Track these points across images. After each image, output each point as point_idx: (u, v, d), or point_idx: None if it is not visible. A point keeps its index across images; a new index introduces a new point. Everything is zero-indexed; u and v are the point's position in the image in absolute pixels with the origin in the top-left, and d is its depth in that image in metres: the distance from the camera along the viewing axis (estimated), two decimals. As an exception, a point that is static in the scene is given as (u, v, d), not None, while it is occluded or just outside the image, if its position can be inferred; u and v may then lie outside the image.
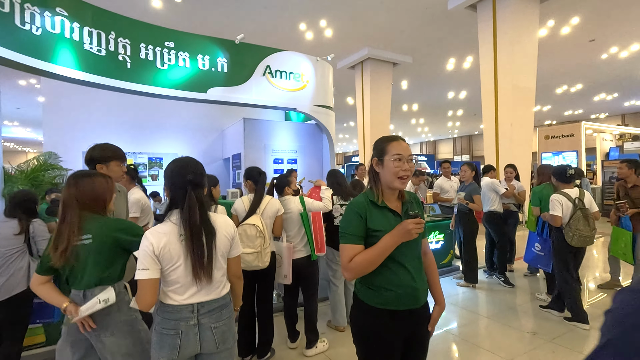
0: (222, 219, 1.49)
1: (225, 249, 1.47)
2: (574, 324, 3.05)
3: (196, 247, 1.35)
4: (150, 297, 1.32)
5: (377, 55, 10.91)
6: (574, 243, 2.92)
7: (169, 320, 1.37)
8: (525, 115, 7.59)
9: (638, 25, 9.16)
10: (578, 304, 3.02)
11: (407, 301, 1.36)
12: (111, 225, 1.56)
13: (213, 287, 1.42)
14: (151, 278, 1.32)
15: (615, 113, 21.58)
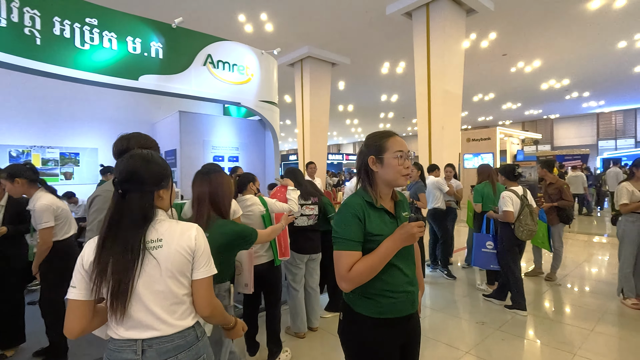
0: (180, 229, 1.14)
1: (178, 267, 1.10)
2: (515, 311, 3.34)
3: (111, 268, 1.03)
4: (73, 321, 1.04)
5: (317, 54, 10.92)
6: (524, 237, 3.19)
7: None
8: (454, 119, 8.22)
9: (540, 44, 10.56)
10: (521, 294, 3.30)
11: (405, 307, 1.27)
12: (225, 229, 1.66)
13: (157, 319, 1.07)
14: (77, 299, 1.04)
15: (518, 120, 24.80)
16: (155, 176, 1.13)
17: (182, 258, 1.10)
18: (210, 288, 1.17)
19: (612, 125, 21.91)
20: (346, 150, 35.50)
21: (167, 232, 1.11)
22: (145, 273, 1.06)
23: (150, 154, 1.15)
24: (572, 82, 14.77)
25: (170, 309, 1.09)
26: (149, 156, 1.14)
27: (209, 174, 1.76)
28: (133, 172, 1.09)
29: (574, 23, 9.13)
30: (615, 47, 10.76)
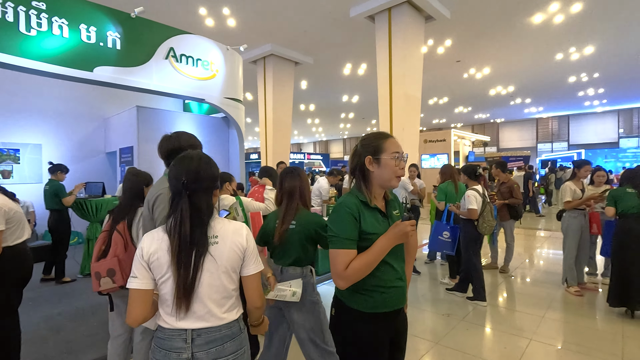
0: (233, 227, 1.21)
1: (231, 264, 1.17)
2: (476, 302, 3.57)
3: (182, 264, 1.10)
4: (137, 310, 1.11)
5: (280, 52, 10.83)
6: (485, 232, 3.41)
7: (159, 349, 1.15)
8: (413, 121, 8.56)
9: (490, 53, 11.33)
10: (482, 286, 3.53)
11: (395, 301, 1.33)
12: (313, 219, 1.91)
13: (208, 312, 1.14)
14: (139, 288, 1.12)
15: (468, 123, 26.41)
16: (214, 176, 1.22)
17: (235, 255, 1.17)
18: (259, 282, 1.26)
19: (549, 130, 24.08)
20: (307, 150, 35.61)
21: (222, 230, 1.18)
22: (204, 268, 1.12)
23: (207, 156, 1.25)
24: (516, 89, 16.01)
25: (221, 302, 1.16)
26: (208, 157, 1.24)
27: (297, 170, 2.03)
28: (198, 172, 1.16)
29: (519, 35, 9.90)
30: (553, 58, 11.82)
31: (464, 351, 2.71)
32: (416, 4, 7.91)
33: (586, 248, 4.09)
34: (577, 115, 23.05)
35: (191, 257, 1.10)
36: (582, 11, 8.49)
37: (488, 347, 2.82)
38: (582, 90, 16.38)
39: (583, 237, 3.99)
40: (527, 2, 8.17)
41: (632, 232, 3.24)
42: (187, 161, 1.18)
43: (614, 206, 3.37)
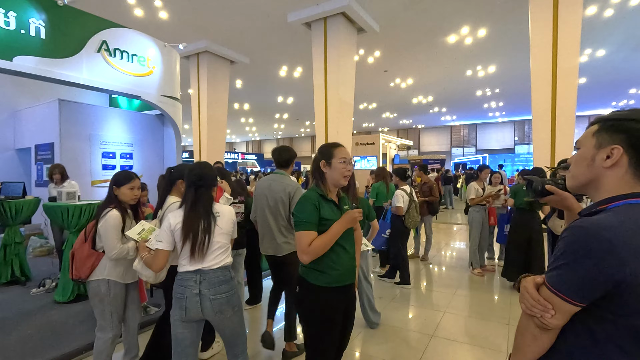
0: (228, 209, 1.93)
1: (228, 229, 1.86)
2: (402, 286, 4.12)
3: (194, 232, 1.72)
4: (161, 263, 1.74)
5: (215, 50, 10.64)
6: (411, 226, 3.95)
7: (179, 286, 1.75)
8: (347, 125, 9.15)
9: (413, 65, 12.53)
10: (407, 271, 4.09)
11: (347, 277, 1.65)
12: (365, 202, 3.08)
13: (211, 260, 1.76)
14: (165, 249, 1.73)
15: (394, 128, 28.49)
16: (213, 178, 1.91)
17: (230, 224, 1.88)
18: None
19: (460, 136, 27.18)
20: (240, 149, 34.88)
21: (221, 209, 1.86)
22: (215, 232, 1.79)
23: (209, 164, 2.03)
24: (434, 99, 17.84)
25: (219, 252, 1.79)
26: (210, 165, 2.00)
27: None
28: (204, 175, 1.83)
29: (437, 52, 11.16)
30: (464, 74, 13.49)
31: (392, 325, 3.18)
32: (350, 17, 8.47)
33: (486, 237, 4.95)
34: (483, 124, 26.42)
35: (198, 228, 1.74)
36: (487, 36, 9.92)
37: (412, 320, 3.33)
38: (487, 102, 18.90)
39: (484, 227, 4.82)
40: (443, 24, 9.30)
41: (518, 222, 4.08)
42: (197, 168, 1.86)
43: (513, 198, 4.19)
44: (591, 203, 0.91)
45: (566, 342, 0.85)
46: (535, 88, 6.89)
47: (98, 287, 2.08)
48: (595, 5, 8.17)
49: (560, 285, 0.80)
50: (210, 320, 1.75)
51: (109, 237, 2.02)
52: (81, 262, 2.07)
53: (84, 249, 2.10)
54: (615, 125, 0.84)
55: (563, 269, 0.80)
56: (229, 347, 1.89)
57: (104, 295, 2.08)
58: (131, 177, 2.19)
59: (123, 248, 2.05)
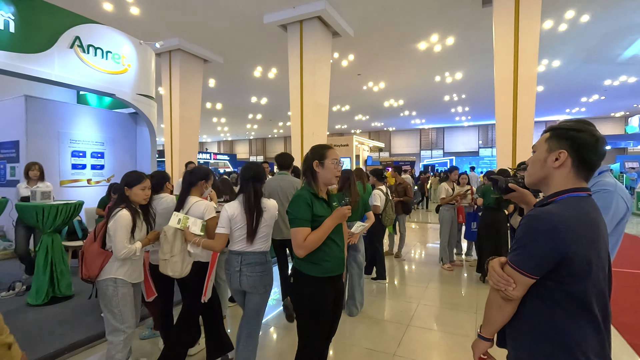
0: (273, 203, 2.24)
1: (271, 222, 2.21)
2: (378, 281, 4.32)
3: (249, 219, 2.10)
4: (222, 244, 2.13)
5: (188, 48, 10.47)
6: (387, 224, 4.15)
7: (227, 263, 2.18)
8: (322, 127, 9.32)
9: (385, 70, 12.93)
10: (383, 267, 4.29)
11: (338, 268, 1.79)
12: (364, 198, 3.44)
13: (255, 246, 2.13)
14: (225, 233, 2.11)
15: (366, 130, 29.07)
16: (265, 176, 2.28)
17: (273, 218, 2.21)
18: None
19: (429, 139, 28.18)
20: (212, 149, 34.21)
21: (267, 204, 2.18)
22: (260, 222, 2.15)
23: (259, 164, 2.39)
24: (405, 102, 18.44)
25: (262, 240, 2.15)
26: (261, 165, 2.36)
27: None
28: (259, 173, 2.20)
29: (408, 58, 11.59)
30: (433, 80, 14.08)
31: (371, 317, 3.36)
32: (325, 21, 8.65)
33: (455, 234, 5.28)
34: (450, 127, 27.55)
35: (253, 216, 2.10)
36: (454, 44, 10.44)
37: (389, 312, 3.53)
38: (454, 107, 19.77)
39: (453, 225, 5.14)
40: (414, 32, 9.70)
41: (488, 220, 4.40)
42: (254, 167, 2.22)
43: (482, 198, 4.50)
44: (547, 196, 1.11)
45: (524, 309, 1.04)
46: (499, 95, 7.37)
47: (107, 287, 2.10)
48: (552, 20, 8.84)
49: (520, 263, 0.99)
50: (246, 291, 2.15)
51: (118, 236, 2.06)
52: (91, 261, 2.09)
53: (94, 248, 2.12)
54: (561, 133, 1.05)
55: (521, 249, 0.99)
56: (244, 324, 2.18)
57: (112, 295, 2.11)
58: (142, 177, 2.24)
59: (131, 248, 2.09)
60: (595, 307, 0.96)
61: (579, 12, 8.59)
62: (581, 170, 1.03)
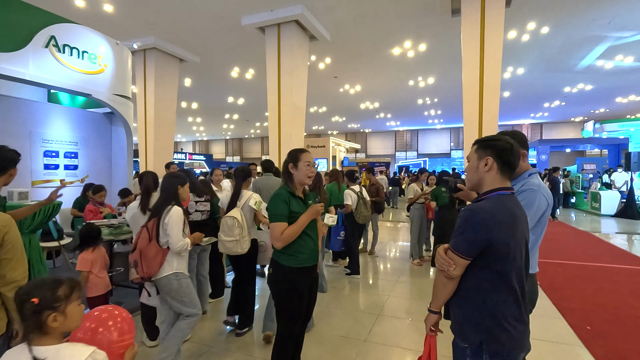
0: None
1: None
2: (353, 276, 4.56)
3: None
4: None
5: (164, 47, 10.38)
6: (360, 221, 4.39)
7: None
8: (299, 128, 9.50)
9: (361, 73, 13.27)
10: (357, 263, 4.54)
11: (312, 259, 1.99)
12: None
13: None
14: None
15: (342, 131, 29.45)
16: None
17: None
18: None
19: (404, 141, 28.94)
20: (187, 149, 33.59)
21: None
22: None
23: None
24: (380, 105, 18.91)
25: None
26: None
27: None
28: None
29: (383, 62, 11.97)
30: (407, 84, 14.56)
31: (345, 308, 3.59)
32: (303, 25, 8.84)
33: (424, 231, 5.60)
34: (423, 130, 28.40)
35: None
36: (427, 50, 10.90)
37: (362, 304, 3.77)
38: (427, 110, 20.45)
39: (422, 223, 5.46)
40: (388, 38, 10.06)
41: (444, 218, 4.75)
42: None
43: (435, 200, 4.85)
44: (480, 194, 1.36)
45: (462, 285, 1.29)
46: (466, 100, 7.82)
47: (169, 282, 2.22)
48: (515, 31, 9.44)
49: (458, 247, 1.23)
50: None
51: (175, 230, 2.18)
52: (151, 259, 2.18)
53: (152, 247, 2.20)
54: (485, 144, 1.31)
55: (459, 237, 1.23)
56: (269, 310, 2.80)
57: (178, 288, 2.24)
58: (186, 179, 2.45)
59: (186, 241, 2.24)
60: (515, 281, 1.22)
61: (539, 24, 9.22)
62: (505, 172, 1.29)
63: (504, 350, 1.21)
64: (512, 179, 1.33)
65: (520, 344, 1.24)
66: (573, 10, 8.43)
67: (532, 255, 1.63)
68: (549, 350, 2.76)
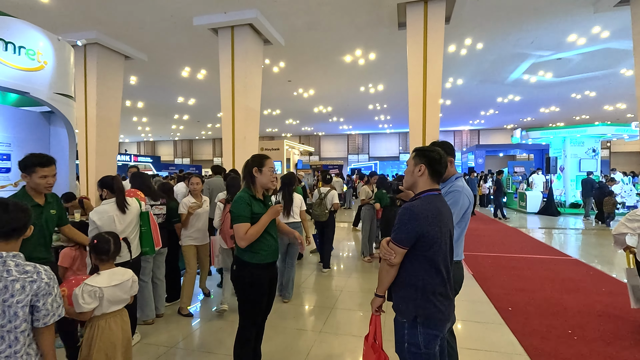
0: (298, 197, 4.07)
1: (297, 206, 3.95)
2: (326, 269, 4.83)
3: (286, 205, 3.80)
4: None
5: (108, 43, 9.85)
6: (315, 218, 4.63)
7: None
8: (253, 131, 9.53)
9: (315, 78, 13.59)
10: (328, 257, 4.82)
11: (272, 256, 2.16)
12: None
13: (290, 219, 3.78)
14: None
15: (296, 134, 29.67)
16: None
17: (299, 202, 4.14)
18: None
19: (356, 144, 29.89)
20: (131, 150, 31.61)
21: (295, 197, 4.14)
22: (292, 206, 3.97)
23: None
24: (333, 109, 19.42)
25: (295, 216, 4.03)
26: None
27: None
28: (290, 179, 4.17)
29: (336, 68, 12.39)
30: (358, 89, 15.17)
31: (301, 304, 3.79)
32: (257, 28, 8.92)
33: (375, 230, 5.98)
34: (374, 134, 29.57)
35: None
36: (376, 59, 11.49)
37: (317, 299, 3.99)
38: (377, 115, 21.38)
39: (373, 223, 5.83)
40: (340, 45, 10.48)
41: (387, 217, 5.19)
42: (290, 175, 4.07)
43: (378, 202, 5.29)
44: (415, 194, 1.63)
45: (401, 270, 1.54)
46: (412, 108, 8.42)
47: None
48: (455, 45, 10.33)
49: (397, 239, 1.48)
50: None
51: None
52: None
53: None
54: (421, 153, 1.59)
55: (397, 230, 1.49)
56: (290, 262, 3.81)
57: None
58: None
59: None
60: (441, 265, 1.50)
61: (474, 40, 10.19)
62: (434, 177, 1.58)
63: (433, 321, 1.49)
64: (441, 182, 1.62)
65: (446, 315, 1.53)
66: (502, 29, 9.46)
67: (458, 245, 1.95)
68: (479, 329, 3.18)
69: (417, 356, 1.50)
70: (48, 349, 1.19)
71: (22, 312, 1.09)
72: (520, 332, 3.09)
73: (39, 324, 1.15)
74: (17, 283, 1.08)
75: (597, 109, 18.90)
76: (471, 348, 2.83)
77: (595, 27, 9.32)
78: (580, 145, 12.69)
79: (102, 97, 10.12)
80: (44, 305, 1.14)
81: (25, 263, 1.14)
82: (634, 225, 2.78)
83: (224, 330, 3.19)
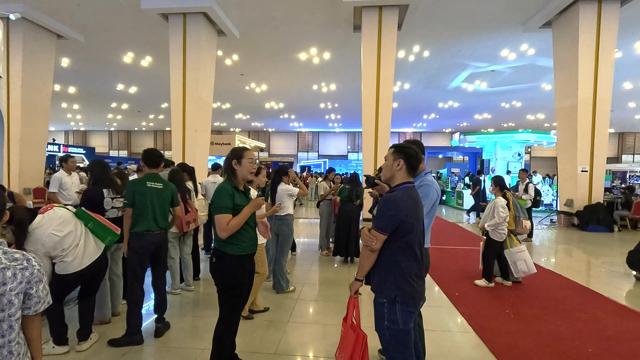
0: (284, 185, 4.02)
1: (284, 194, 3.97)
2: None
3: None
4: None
5: (37, 19, 8.83)
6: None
7: None
8: (205, 123, 9.21)
9: (268, 73, 13.45)
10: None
11: (252, 248, 2.18)
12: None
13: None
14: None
15: (246, 129, 29.06)
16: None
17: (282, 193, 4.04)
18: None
19: (306, 142, 30.12)
20: (59, 140, 28.43)
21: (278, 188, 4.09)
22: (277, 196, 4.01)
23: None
24: (285, 106, 19.38)
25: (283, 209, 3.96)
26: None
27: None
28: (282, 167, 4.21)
29: (290, 65, 12.40)
30: (311, 88, 15.33)
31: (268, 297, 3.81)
32: (211, 18, 8.63)
33: (332, 225, 6.16)
34: (324, 132, 30.04)
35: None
36: (330, 59, 11.72)
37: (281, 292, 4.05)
38: (328, 114, 21.77)
39: (330, 218, 6.01)
40: (296, 42, 10.52)
41: (344, 211, 5.39)
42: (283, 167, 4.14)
43: (339, 196, 5.47)
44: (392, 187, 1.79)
45: (381, 255, 1.69)
46: (365, 110, 8.78)
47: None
48: (403, 51, 10.91)
49: (378, 226, 1.63)
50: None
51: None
52: None
53: None
54: (399, 149, 1.75)
55: (379, 218, 1.63)
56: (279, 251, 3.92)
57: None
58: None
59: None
60: (417, 249, 1.68)
61: (422, 48, 10.86)
62: (410, 171, 1.75)
63: (411, 300, 1.66)
64: (414, 177, 1.81)
65: (420, 294, 1.71)
66: (445, 40, 10.23)
67: (427, 234, 2.16)
68: (434, 312, 3.49)
69: (396, 332, 1.65)
70: (37, 336, 1.15)
71: (17, 299, 1.04)
72: (468, 313, 3.45)
73: (30, 312, 1.10)
74: (7, 271, 1.02)
75: (521, 117, 21.23)
76: (427, 329, 3.11)
77: (523, 45, 10.49)
78: (509, 149, 14.18)
79: (29, 78, 9.08)
80: (37, 292, 1.09)
81: (13, 250, 1.08)
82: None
83: (189, 325, 3.13)
